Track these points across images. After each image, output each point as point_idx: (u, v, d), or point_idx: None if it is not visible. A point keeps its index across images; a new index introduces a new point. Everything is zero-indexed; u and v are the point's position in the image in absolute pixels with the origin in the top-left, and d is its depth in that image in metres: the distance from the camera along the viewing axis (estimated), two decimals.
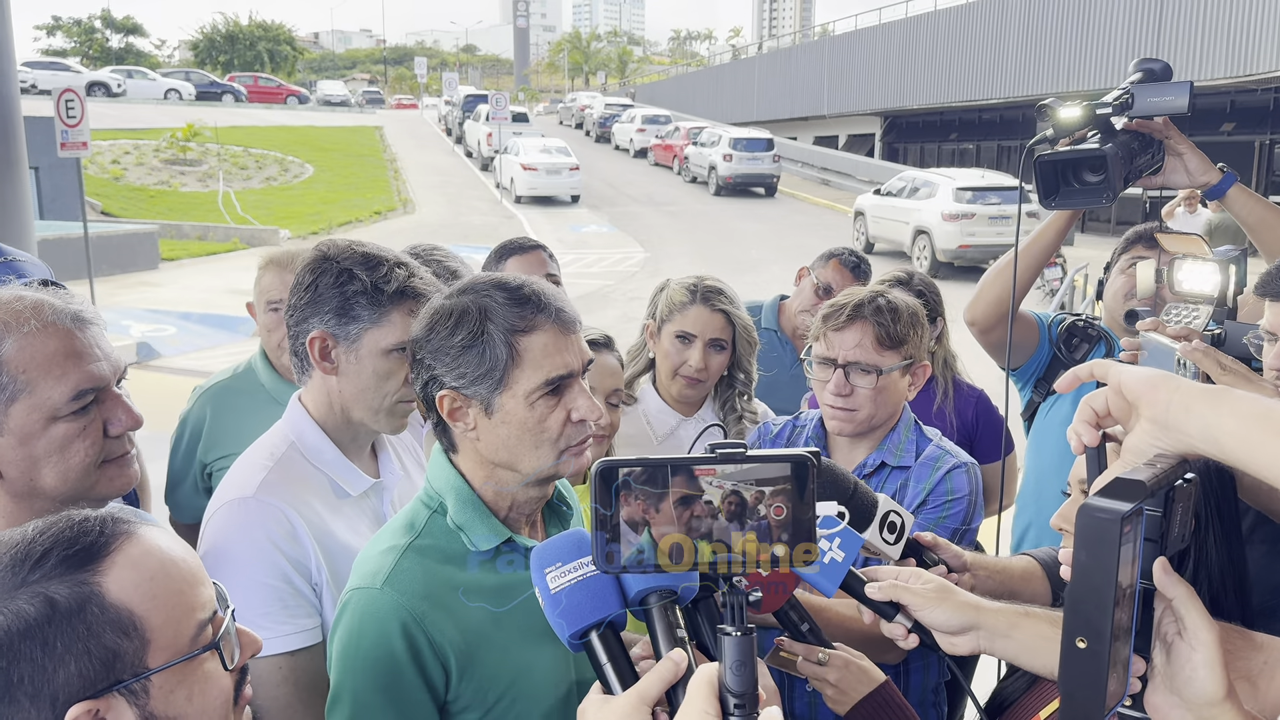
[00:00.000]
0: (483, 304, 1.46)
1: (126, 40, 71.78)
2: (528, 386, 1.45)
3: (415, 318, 1.77)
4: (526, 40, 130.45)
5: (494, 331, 1.44)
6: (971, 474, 2.12)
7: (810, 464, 1.01)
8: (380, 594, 1.43)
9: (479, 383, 1.45)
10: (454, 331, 1.46)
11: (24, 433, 1.39)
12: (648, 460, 1.00)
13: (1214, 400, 0.94)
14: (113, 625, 0.99)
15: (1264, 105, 21.01)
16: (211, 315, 12.66)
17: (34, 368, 1.39)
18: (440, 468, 1.55)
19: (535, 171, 25.61)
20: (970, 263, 16.16)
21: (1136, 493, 0.88)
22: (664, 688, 1.04)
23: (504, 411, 1.46)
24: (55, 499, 1.43)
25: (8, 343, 1.38)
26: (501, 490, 1.52)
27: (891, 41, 31.81)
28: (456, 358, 1.45)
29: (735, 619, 1.03)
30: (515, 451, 1.48)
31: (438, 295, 1.55)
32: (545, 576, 1.13)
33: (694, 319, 2.60)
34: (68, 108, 11.68)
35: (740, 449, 1.01)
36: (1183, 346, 1.81)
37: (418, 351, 1.50)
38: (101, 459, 1.48)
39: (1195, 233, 2.39)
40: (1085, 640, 0.87)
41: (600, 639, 1.11)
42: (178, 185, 25.25)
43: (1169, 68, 2.16)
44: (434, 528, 1.51)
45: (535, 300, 1.47)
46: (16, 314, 1.40)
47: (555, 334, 1.47)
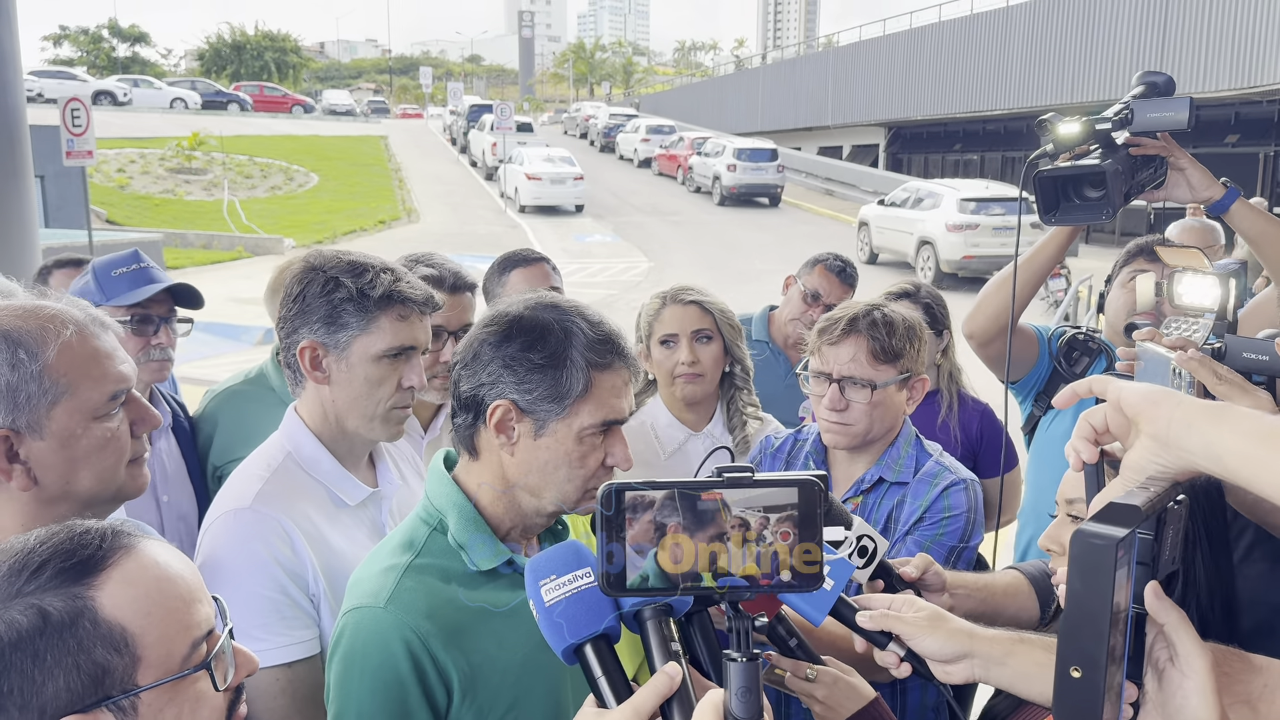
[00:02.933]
0: (568, 328, 1.44)
1: (133, 50, 72.04)
2: (586, 421, 1.44)
3: (404, 322, 1.77)
4: (531, 50, 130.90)
5: (577, 359, 1.43)
6: (970, 491, 2.10)
7: (818, 489, 1.01)
8: (384, 613, 1.40)
9: (544, 403, 1.43)
10: (535, 346, 1.43)
11: (66, 434, 1.42)
12: (655, 483, 1.00)
13: (1216, 417, 0.93)
14: (104, 641, 0.99)
15: (1268, 117, 21.01)
16: (215, 324, 12.65)
17: (75, 370, 1.42)
18: (441, 484, 1.53)
19: (540, 181, 25.66)
20: (974, 273, 16.14)
21: (1132, 518, 0.87)
22: (658, 701, 1.03)
23: (554, 437, 1.45)
24: (85, 501, 1.45)
25: (50, 349, 1.40)
26: (509, 510, 1.51)
27: (896, 52, 31.86)
28: (530, 373, 1.43)
29: (741, 644, 1.02)
30: (547, 478, 1.47)
31: (513, 302, 1.51)
32: (540, 589, 1.12)
33: (669, 319, 2.64)
34: (73, 116, 11.73)
35: (748, 472, 1.00)
36: (1178, 356, 1.80)
37: (484, 354, 1.46)
38: (130, 458, 1.51)
39: (1196, 246, 2.39)
40: (1080, 669, 0.86)
41: (594, 651, 1.10)
42: (183, 194, 25.33)
43: (1172, 81, 2.15)
44: (434, 546, 1.49)
45: (615, 340, 1.47)
46: (55, 319, 1.43)
47: (624, 378, 1.48)
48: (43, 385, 1.39)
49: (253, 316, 12.64)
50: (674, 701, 1.03)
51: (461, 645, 1.42)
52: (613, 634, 1.12)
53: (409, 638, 1.39)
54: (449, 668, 1.41)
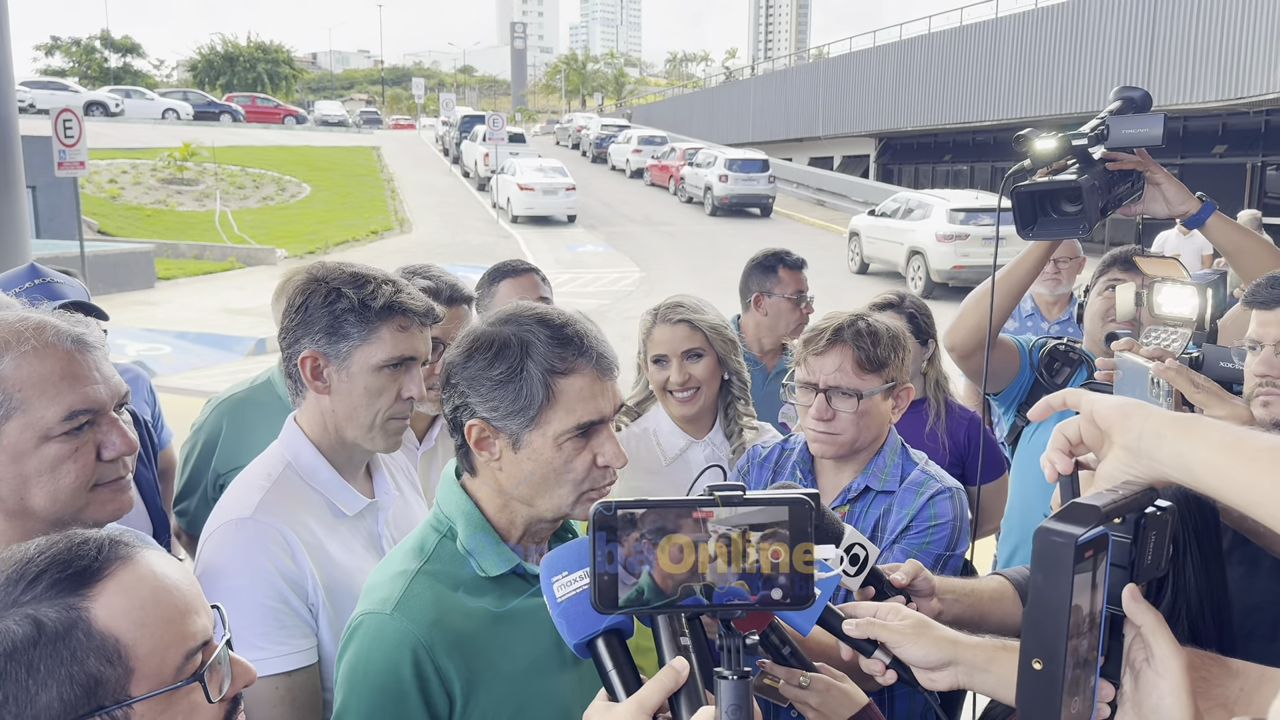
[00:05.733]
0: (525, 338, 1.45)
1: (125, 60, 71.90)
2: (559, 428, 1.45)
3: (404, 333, 1.79)
4: (524, 61, 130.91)
5: (533, 370, 1.44)
6: (956, 499, 2.12)
7: (809, 507, 1.02)
8: (390, 620, 1.43)
9: (511, 418, 1.45)
10: (493, 363, 1.45)
11: (16, 450, 1.40)
12: (647, 501, 1.01)
13: (1186, 428, 0.96)
14: (97, 652, 1.00)
15: (1255, 127, 21.11)
16: (207, 335, 12.64)
17: (29, 386, 1.40)
18: (451, 492, 1.55)
19: (532, 191, 25.65)
20: (964, 283, 16.18)
21: (1090, 517, 0.90)
22: (664, 696, 1.04)
23: (531, 449, 1.46)
24: (46, 520, 1.43)
25: (5, 360, 1.39)
26: (514, 519, 1.53)
27: (886, 64, 31.98)
28: (492, 390, 1.45)
29: (732, 662, 1.03)
30: (536, 488, 1.48)
31: (480, 319, 1.53)
32: (553, 584, 1.14)
33: (659, 339, 2.66)
34: (65, 127, 11.73)
35: (739, 491, 1.02)
36: (1156, 366, 1.83)
37: (452, 376, 1.49)
38: (94, 482, 1.48)
39: (1176, 257, 2.43)
40: (1041, 661, 0.89)
41: (606, 645, 1.12)
42: (175, 204, 25.26)
43: (1148, 96, 2.19)
44: (443, 552, 1.51)
45: (577, 342, 1.47)
46: (17, 333, 1.42)
47: (593, 379, 1.47)
48: None
49: (245, 327, 12.63)
50: (680, 695, 1.05)
51: (465, 651, 1.44)
52: (625, 629, 1.13)
53: (414, 646, 1.41)
54: (451, 674, 1.43)
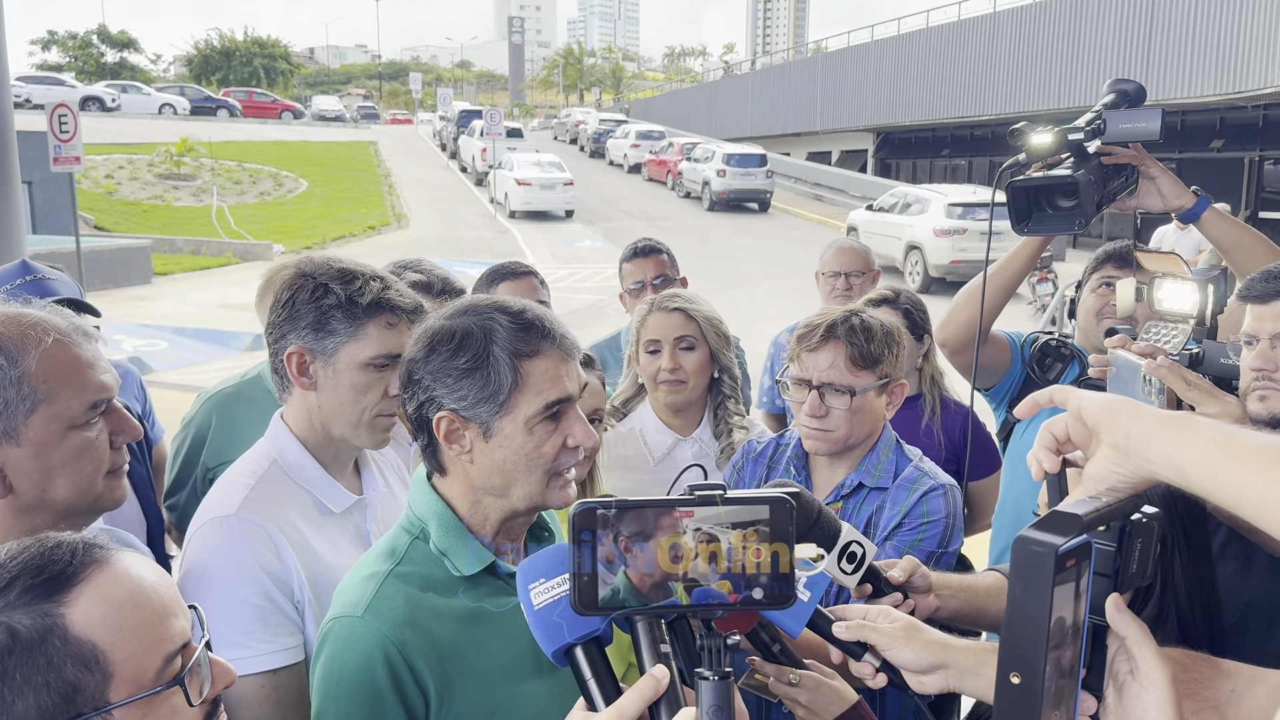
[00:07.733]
0: (486, 326, 1.46)
1: (121, 55, 71.67)
2: (529, 411, 1.45)
3: (392, 330, 1.78)
4: (521, 56, 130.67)
5: (499, 354, 1.44)
6: (949, 496, 2.11)
7: (789, 506, 1.01)
8: (362, 622, 1.42)
9: (480, 406, 1.44)
10: (456, 353, 1.45)
11: (42, 442, 1.42)
12: (625, 502, 1.00)
13: (1175, 426, 0.94)
14: (74, 658, 0.99)
15: (1253, 122, 21.12)
16: (204, 330, 12.63)
17: (54, 378, 1.43)
18: (423, 493, 1.54)
19: (529, 186, 25.64)
20: (962, 278, 16.17)
21: (1071, 526, 0.88)
22: (644, 705, 1.02)
23: (502, 435, 1.46)
24: (62, 511, 1.45)
25: (29, 356, 1.41)
26: (487, 515, 1.52)
27: (884, 58, 31.96)
28: (459, 380, 1.44)
29: (713, 663, 1.03)
30: (509, 476, 1.48)
31: (435, 315, 1.53)
32: (530, 592, 1.13)
33: (653, 326, 2.65)
34: (61, 122, 11.71)
35: (718, 490, 1.01)
36: (1148, 363, 1.82)
37: (415, 372, 1.48)
38: (107, 469, 1.51)
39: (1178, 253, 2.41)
40: (1019, 675, 0.86)
41: (584, 654, 1.11)
42: (171, 200, 25.24)
43: (1142, 89, 2.17)
44: (416, 554, 1.50)
45: (539, 325, 1.48)
46: (36, 328, 1.44)
47: (557, 359, 1.48)
48: (21, 392, 1.40)
49: (242, 322, 12.60)
50: (661, 704, 1.03)
51: (439, 651, 1.43)
52: (604, 636, 1.12)
53: (386, 646, 1.40)
54: (425, 675, 1.42)
